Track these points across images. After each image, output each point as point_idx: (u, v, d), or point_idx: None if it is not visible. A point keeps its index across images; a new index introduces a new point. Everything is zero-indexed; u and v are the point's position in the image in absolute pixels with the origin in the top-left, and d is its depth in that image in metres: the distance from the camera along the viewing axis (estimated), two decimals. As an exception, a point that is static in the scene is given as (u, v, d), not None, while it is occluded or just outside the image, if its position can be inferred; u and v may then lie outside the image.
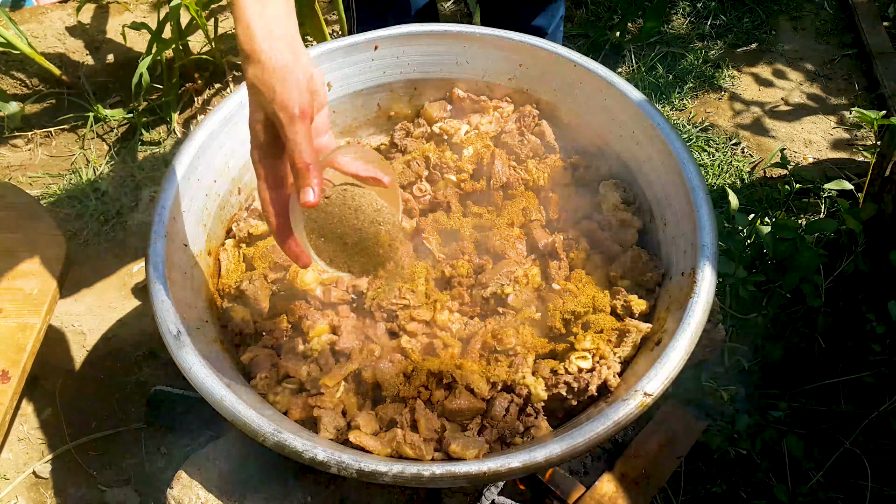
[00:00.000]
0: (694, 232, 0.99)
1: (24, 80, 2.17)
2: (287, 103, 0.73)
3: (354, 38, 1.23)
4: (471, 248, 1.12)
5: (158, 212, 0.99)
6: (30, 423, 1.53)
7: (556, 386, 0.96)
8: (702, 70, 2.30)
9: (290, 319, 1.06)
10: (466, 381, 0.95)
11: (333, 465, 0.79)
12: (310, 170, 0.74)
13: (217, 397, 0.84)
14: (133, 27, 2.01)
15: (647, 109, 1.12)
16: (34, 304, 1.24)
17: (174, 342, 0.88)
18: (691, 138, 2.10)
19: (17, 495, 1.43)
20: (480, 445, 0.90)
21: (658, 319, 1.02)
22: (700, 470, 1.42)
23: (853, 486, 1.41)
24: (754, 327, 1.57)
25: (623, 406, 0.84)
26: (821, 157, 2.09)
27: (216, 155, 1.12)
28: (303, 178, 0.74)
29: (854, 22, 2.42)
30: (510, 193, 1.18)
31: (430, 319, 1.03)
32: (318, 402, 0.95)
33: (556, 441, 0.82)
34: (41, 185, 1.96)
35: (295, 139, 0.73)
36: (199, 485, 0.94)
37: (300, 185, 0.74)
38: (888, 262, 1.50)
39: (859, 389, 1.50)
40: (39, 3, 2.36)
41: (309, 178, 0.74)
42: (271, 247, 1.11)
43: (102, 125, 2.08)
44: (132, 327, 1.68)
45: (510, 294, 1.05)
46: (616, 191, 1.18)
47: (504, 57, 1.26)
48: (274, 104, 0.73)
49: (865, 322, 1.50)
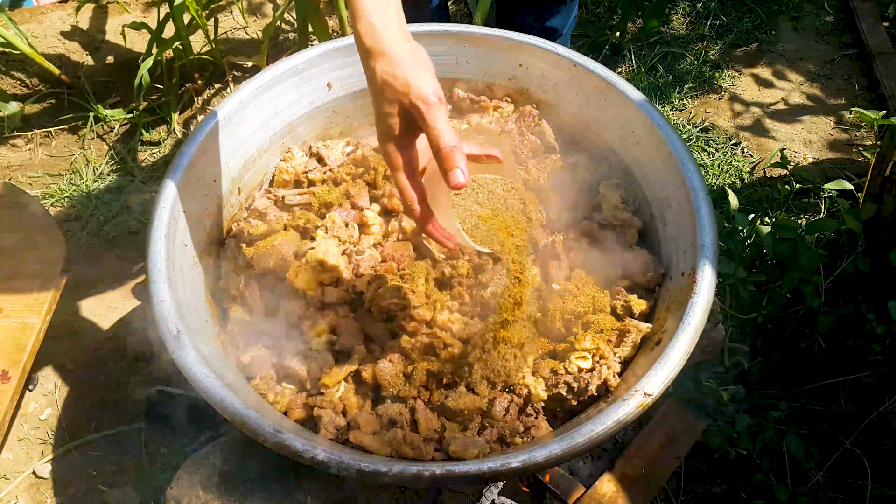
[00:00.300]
0: (694, 232, 0.99)
1: (24, 80, 2.17)
2: (423, 92, 0.75)
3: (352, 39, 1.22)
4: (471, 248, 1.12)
5: (158, 212, 0.99)
6: (30, 423, 1.53)
7: (556, 386, 0.96)
8: (702, 70, 2.30)
9: (290, 319, 1.06)
10: (466, 382, 0.95)
11: (333, 465, 0.79)
12: (455, 152, 0.75)
13: (217, 397, 0.84)
14: (133, 27, 2.02)
15: (647, 109, 1.12)
16: (34, 304, 1.24)
17: (174, 342, 0.88)
18: (691, 138, 2.10)
19: (17, 495, 1.44)
20: (480, 445, 0.90)
21: (658, 319, 1.02)
22: (700, 470, 1.42)
23: (853, 486, 1.41)
24: (754, 327, 1.57)
25: (623, 406, 0.84)
26: (821, 157, 2.09)
27: (216, 155, 1.12)
28: (450, 160, 0.76)
29: (854, 22, 2.42)
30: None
31: (430, 319, 1.03)
32: (318, 402, 0.95)
33: (556, 441, 0.82)
34: (41, 185, 1.96)
35: (437, 125, 0.75)
36: (199, 485, 0.94)
37: (448, 168, 0.76)
38: (888, 262, 1.50)
39: (859, 389, 1.50)
40: (39, 3, 2.36)
41: (456, 160, 0.76)
42: (271, 247, 1.11)
43: (102, 125, 2.08)
44: (132, 327, 1.68)
45: (510, 294, 1.05)
46: (616, 191, 1.18)
47: (504, 57, 1.26)
48: (410, 95, 0.75)
49: (865, 322, 1.50)
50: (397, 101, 0.76)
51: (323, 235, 1.11)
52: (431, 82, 0.77)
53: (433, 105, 0.75)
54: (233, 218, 1.18)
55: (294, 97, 1.23)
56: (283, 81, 1.19)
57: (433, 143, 0.76)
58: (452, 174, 0.75)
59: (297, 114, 1.25)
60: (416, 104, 0.75)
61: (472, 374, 0.95)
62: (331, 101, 1.27)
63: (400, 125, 0.78)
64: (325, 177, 1.24)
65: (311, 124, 1.28)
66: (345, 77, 1.26)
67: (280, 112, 1.22)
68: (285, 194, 1.19)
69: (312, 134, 1.30)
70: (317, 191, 1.20)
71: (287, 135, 1.26)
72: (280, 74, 1.18)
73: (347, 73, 1.25)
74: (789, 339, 1.57)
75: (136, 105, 2.03)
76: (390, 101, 0.77)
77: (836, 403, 1.50)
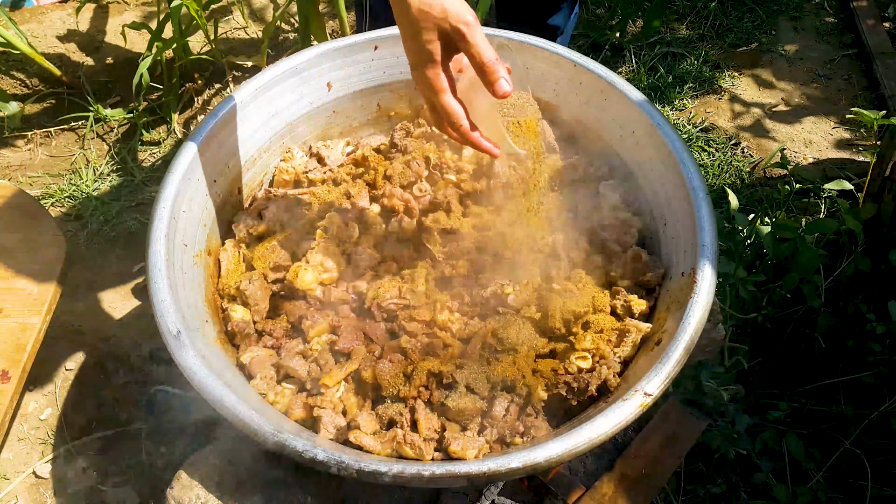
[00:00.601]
0: (694, 232, 0.99)
1: (24, 80, 2.17)
2: (461, 14, 0.82)
3: (354, 38, 1.23)
4: (471, 248, 1.12)
5: (158, 212, 0.99)
6: (30, 423, 1.53)
7: (556, 386, 0.96)
8: (702, 70, 2.30)
9: (290, 319, 1.06)
10: (466, 382, 0.95)
11: (333, 465, 0.79)
12: (499, 64, 0.82)
13: (217, 397, 0.84)
14: (133, 27, 2.02)
15: (647, 109, 1.12)
16: (34, 304, 1.24)
17: (174, 342, 0.88)
18: (691, 138, 2.10)
19: (17, 495, 1.44)
20: (480, 445, 0.90)
21: (658, 319, 1.02)
22: (700, 470, 1.42)
23: (853, 486, 1.41)
24: (754, 327, 1.57)
25: (623, 406, 0.84)
26: (821, 157, 2.09)
27: (216, 155, 1.12)
28: (495, 72, 0.82)
29: (854, 22, 2.42)
30: (510, 193, 1.18)
31: (430, 319, 1.03)
32: (318, 402, 0.95)
33: (556, 441, 0.81)
34: (41, 185, 1.96)
35: (478, 42, 0.82)
36: (199, 485, 0.94)
37: (493, 80, 0.82)
38: (888, 262, 1.50)
39: (859, 389, 1.50)
40: (39, 3, 2.36)
41: (500, 71, 0.82)
42: (271, 247, 1.11)
43: (102, 125, 2.08)
44: (132, 327, 1.68)
45: (510, 294, 1.05)
46: (616, 191, 1.18)
47: (504, 57, 1.25)
48: (449, 19, 0.81)
49: (865, 322, 1.50)
50: (436, 26, 0.82)
51: (322, 235, 1.11)
52: (464, 5, 0.82)
53: (472, 25, 0.82)
54: (233, 218, 1.18)
55: (294, 97, 1.23)
56: (283, 81, 1.19)
57: (477, 59, 0.82)
58: (499, 84, 0.82)
59: (297, 114, 1.25)
60: (456, 27, 0.81)
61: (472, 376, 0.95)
62: (331, 101, 1.27)
63: (440, 50, 0.84)
64: (325, 177, 1.24)
65: (311, 124, 1.28)
66: (345, 77, 1.26)
67: (280, 112, 1.22)
68: (285, 194, 1.20)
69: (312, 134, 1.30)
70: (317, 191, 1.20)
71: (287, 135, 1.26)
72: (280, 74, 1.18)
73: (347, 73, 1.25)
74: (789, 339, 1.57)
75: (136, 105, 2.03)
76: (429, 29, 0.82)
77: (837, 403, 1.50)
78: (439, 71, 0.85)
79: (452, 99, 0.87)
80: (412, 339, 1.00)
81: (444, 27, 0.82)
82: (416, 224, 1.16)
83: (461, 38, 0.82)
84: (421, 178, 1.21)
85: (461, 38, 0.82)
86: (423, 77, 0.86)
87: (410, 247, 1.12)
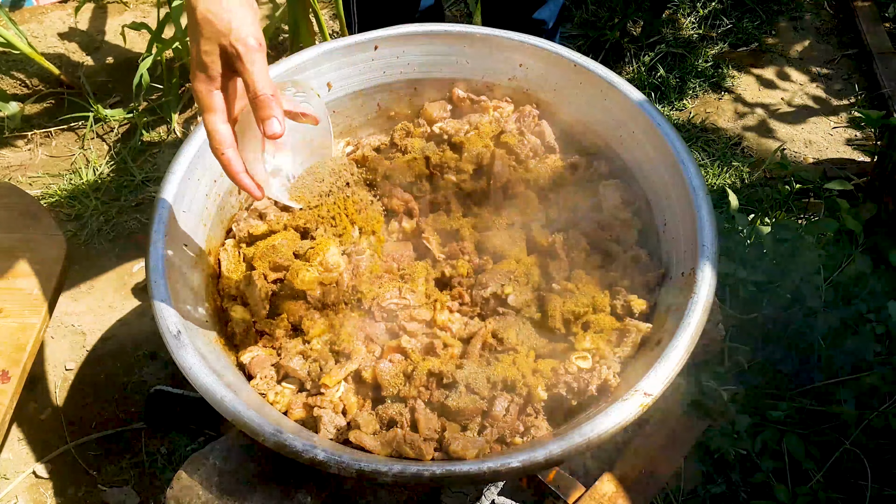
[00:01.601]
0: (694, 232, 0.99)
1: (24, 80, 2.17)
2: (243, 35, 0.74)
3: (354, 38, 1.23)
4: (471, 248, 1.12)
5: (158, 212, 0.99)
6: (30, 423, 1.53)
7: (556, 386, 0.96)
8: (702, 70, 2.30)
9: (290, 319, 1.06)
10: (466, 382, 0.95)
11: (333, 465, 0.79)
12: (273, 101, 0.74)
13: (217, 397, 0.84)
14: (133, 27, 2.02)
15: (647, 109, 1.12)
16: (34, 304, 1.24)
17: (174, 342, 0.88)
18: (691, 138, 2.10)
19: (17, 495, 1.44)
20: (480, 445, 0.90)
21: (658, 319, 1.02)
22: (700, 470, 1.42)
23: (853, 486, 1.41)
24: (754, 327, 1.57)
25: (623, 406, 0.84)
26: (821, 157, 2.09)
27: (216, 155, 1.12)
28: (267, 108, 0.73)
29: (854, 22, 2.42)
30: (510, 193, 1.18)
31: (430, 319, 1.03)
32: (318, 402, 0.95)
33: (556, 441, 0.82)
34: (41, 185, 1.96)
35: (254, 70, 0.74)
36: (198, 485, 0.94)
37: (264, 117, 0.74)
38: (888, 262, 1.50)
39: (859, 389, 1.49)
40: (39, 3, 2.36)
41: (273, 108, 0.73)
42: (271, 247, 1.11)
43: (102, 125, 2.08)
44: (132, 327, 1.68)
45: (510, 294, 1.05)
46: (616, 191, 1.18)
47: (504, 57, 1.26)
48: (230, 37, 0.74)
49: (865, 322, 1.50)
50: (217, 40, 0.75)
51: (322, 235, 1.11)
52: (253, 27, 0.75)
53: (252, 49, 0.74)
54: (233, 218, 1.18)
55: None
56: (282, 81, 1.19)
57: (250, 88, 0.74)
58: (269, 123, 0.73)
59: (297, 114, 1.25)
60: (235, 46, 0.74)
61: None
62: (331, 101, 1.27)
63: (217, 65, 0.76)
64: (325, 177, 1.24)
65: (311, 124, 1.28)
66: (344, 77, 1.25)
67: (280, 112, 1.22)
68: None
69: (312, 134, 1.30)
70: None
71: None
72: (280, 74, 1.18)
73: (347, 73, 1.25)
74: (789, 339, 1.57)
75: (135, 105, 2.03)
76: (209, 39, 0.75)
77: (837, 403, 1.49)
78: (212, 88, 0.76)
79: (219, 122, 0.77)
80: (412, 339, 1.00)
81: (223, 43, 0.74)
82: (416, 224, 1.16)
83: (238, 60, 0.74)
84: (421, 178, 1.21)
85: (238, 61, 0.74)
86: (194, 89, 0.77)
87: (410, 247, 1.12)
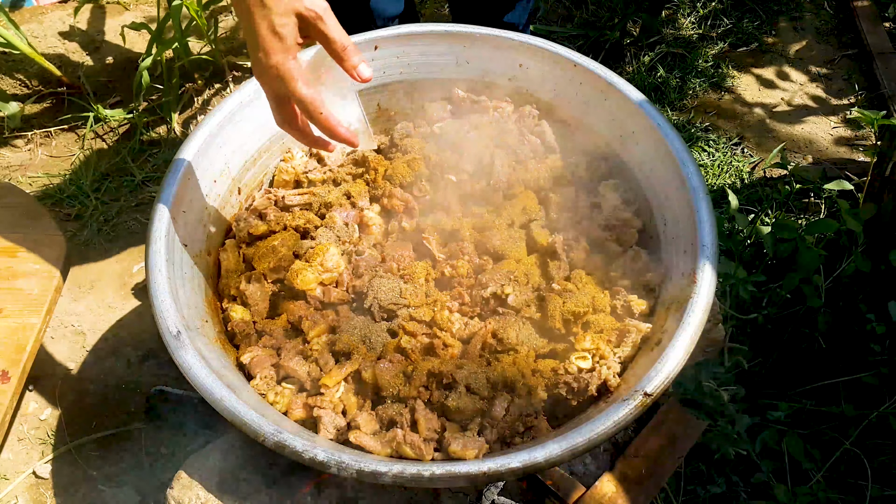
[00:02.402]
0: (694, 232, 0.99)
1: (24, 80, 2.17)
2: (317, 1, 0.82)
3: (354, 38, 1.22)
4: (471, 248, 1.12)
5: (158, 212, 0.99)
6: (30, 423, 1.53)
7: (556, 386, 0.96)
8: (702, 70, 2.30)
9: (290, 319, 1.06)
10: (466, 382, 0.95)
11: (333, 465, 0.79)
12: (357, 49, 0.83)
13: (217, 397, 0.84)
14: (133, 27, 2.02)
15: (647, 109, 1.12)
16: (34, 304, 1.24)
17: (174, 342, 0.88)
18: (691, 138, 2.10)
19: (16, 495, 1.44)
20: (480, 445, 0.90)
21: (658, 319, 1.02)
22: (700, 470, 1.42)
23: (853, 486, 1.41)
24: (754, 327, 1.57)
25: (623, 406, 0.84)
26: (821, 157, 2.09)
27: (216, 155, 1.12)
28: (353, 56, 0.84)
29: (854, 22, 2.42)
30: (510, 193, 1.18)
31: (430, 319, 1.03)
32: (318, 402, 0.95)
33: (556, 441, 0.82)
34: (41, 185, 1.96)
35: (333, 25, 0.82)
36: (199, 485, 0.94)
37: (354, 65, 0.84)
38: (888, 262, 1.50)
39: (859, 389, 1.50)
40: (39, 3, 2.36)
41: (358, 55, 0.83)
42: (271, 247, 1.11)
43: (102, 125, 2.08)
44: (132, 327, 1.68)
45: (510, 294, 1.05)
46: (616, 191, 1.18)
47: (504, 57, 1.26)
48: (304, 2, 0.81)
49: (865, 322, 1.50)
50: (292, 9, 0.80)
51: (323, 234, 1.11)
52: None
53: (326, 9, 0.82)
54: (233, 218, 1.18)
55: (294, 97, 1.22)
56: (283, 81, 1.19)
57: (336, 42, 0.82)
58: (360, 69, 0.84)
59: (297, 114, 1.24)
60: (312, 9, 0.81)
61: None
62: (331, 101, 1.27)
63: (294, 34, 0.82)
64: (325, 177, 1.24)
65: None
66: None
67: (280, 112, 1.22)
68: (285, 194, 1.19)
69: (312, 134, 1.30)
70: (317, 191, 1.20)
71: (287, 135, 1.25)
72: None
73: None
74: (789, 339, 1.57)
75: (136, 105, 2.03)
76: (283, 12, 0.80)
77: (836, 403, 1.50)
78: (289, 57, 0.82)
79: (307, 88, 0.83)
80: (412, 339, 1.00)
81: (299, 10, 0.80)
82: (416, 224, 1.16)
83: (318, 20, 0.81)
84: (421, 178, 1.21)
85: (318, 21, 0.81)
86: (272, 67, 0.82)
87: (410, 247, 1.12)
